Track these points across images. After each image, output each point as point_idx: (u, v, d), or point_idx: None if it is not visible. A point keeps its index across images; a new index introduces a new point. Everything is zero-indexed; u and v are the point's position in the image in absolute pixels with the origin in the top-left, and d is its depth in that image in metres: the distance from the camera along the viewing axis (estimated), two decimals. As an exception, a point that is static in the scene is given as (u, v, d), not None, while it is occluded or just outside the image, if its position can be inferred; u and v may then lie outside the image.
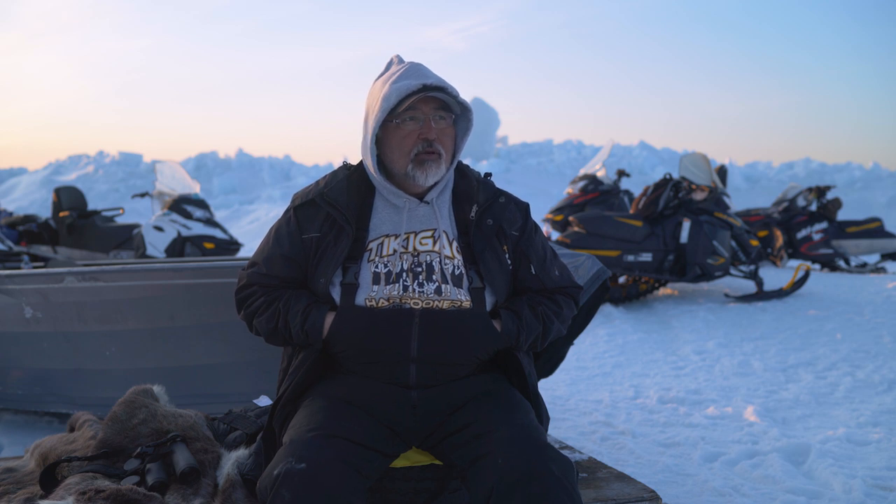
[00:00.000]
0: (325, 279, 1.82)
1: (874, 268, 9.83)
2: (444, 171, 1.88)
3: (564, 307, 1.98)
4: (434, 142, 1.83)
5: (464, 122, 1.91)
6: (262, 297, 1.89)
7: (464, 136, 1.92)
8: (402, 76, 1.83)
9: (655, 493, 2.15)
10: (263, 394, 2.60)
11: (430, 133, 1.83)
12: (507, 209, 1.94)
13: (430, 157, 1.83)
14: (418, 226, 1.87)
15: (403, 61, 1.91)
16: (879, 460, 3.13)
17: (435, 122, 1.84)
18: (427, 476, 1.89)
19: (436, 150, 1.84)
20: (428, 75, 1.83)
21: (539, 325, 1.90)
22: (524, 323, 1.86)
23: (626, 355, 5.29)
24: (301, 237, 1.88)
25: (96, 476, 1.98)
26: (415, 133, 1.83)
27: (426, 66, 1.88)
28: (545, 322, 1.91)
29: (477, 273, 1.85)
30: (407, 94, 1.79)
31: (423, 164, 1.83)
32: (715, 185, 7.45)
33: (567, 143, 28.81)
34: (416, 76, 1.82)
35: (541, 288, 1.96)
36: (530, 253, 1.94)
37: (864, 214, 11.90)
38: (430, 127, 1.83)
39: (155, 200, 8.08)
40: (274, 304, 1.86)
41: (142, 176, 24.38)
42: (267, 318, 1.86)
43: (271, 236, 1.93)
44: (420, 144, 1.83)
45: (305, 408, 1.80)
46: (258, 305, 1.88)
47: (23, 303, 3.44)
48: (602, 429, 3.64)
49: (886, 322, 5.93)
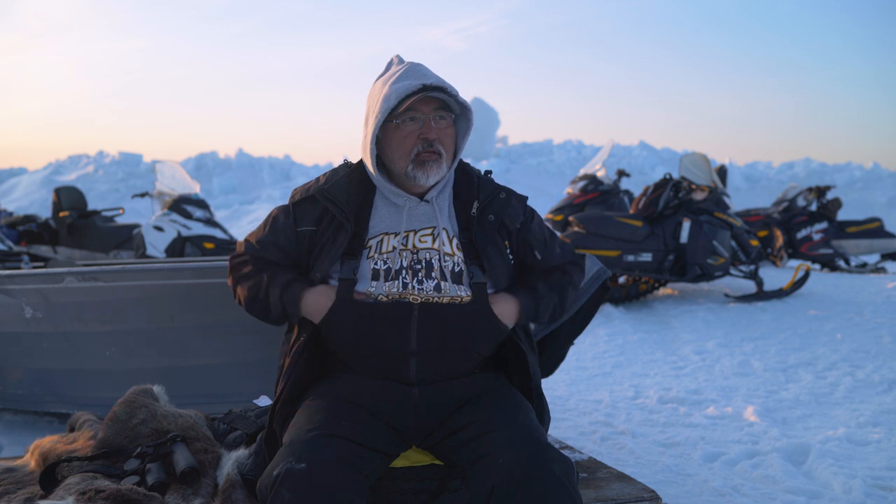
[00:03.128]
0: (320, 273, 1.84)
1: (874, 268, 9.83)
2: (444, 171, 1.88)
3: (574, 274, 2.05)
4: (434, 142, 1.84)
5: (464, 121, 1.92)
6: (252, 266, 1.95)
7: (464, 135, 1.92)
8: (402, 76, 1.83)
9: (655, 493, 2.15)
10: (263, 394, 2.60)
11: (430, 133, 1.83)
12: (508, 205, 1.95)
13: (430, 157, 1.84)
14: (418, 224, 1.88)
15: (403, 61, 1.91)
16: (879, 460, 3.13)
17: (435, 122, 1.84)
18: (427, 476, 1.89)
19: (436, 149, 1.84)
20: (427, 75, 1.83)
21: (555, 295, 1.97)
22: (540, 294, 1.93)
23: (626, 355, 5.29)
24: (296, 230, 1.91)
25: (96, 476, 1.98)
26: (415, 133, 1.84)
27: (426, 66, 1.88)
28: (560, 290, 1.98)
29: (480, 268, 1.86)
30: (407, 95, 1.79)
31: (424, 164, 1.84)
32: (715, 185, 7.45)
33: (567, 143, 28.81)
34: (415, 76, 1.82)
35: (546, 268, 2.01)
36: (531, 239, 1.98)
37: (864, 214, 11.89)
38: (430, 127, 1.83)
39: (155, 200, 8.08)
40: (260, 274, 1.92)
41: (142, 176, 24.37)
42: (251, 286, 1.92)
43: (268, 222, 1.97)
44: (420, 144, 1.83)
45: (305, 407, 1.80)
46: (247, 273, 1.95)
47: (23, 303, 3.44)
48: (602, 429, 3.64)
49: (886, 322, 5.93)
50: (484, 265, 1.86)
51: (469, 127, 1.92)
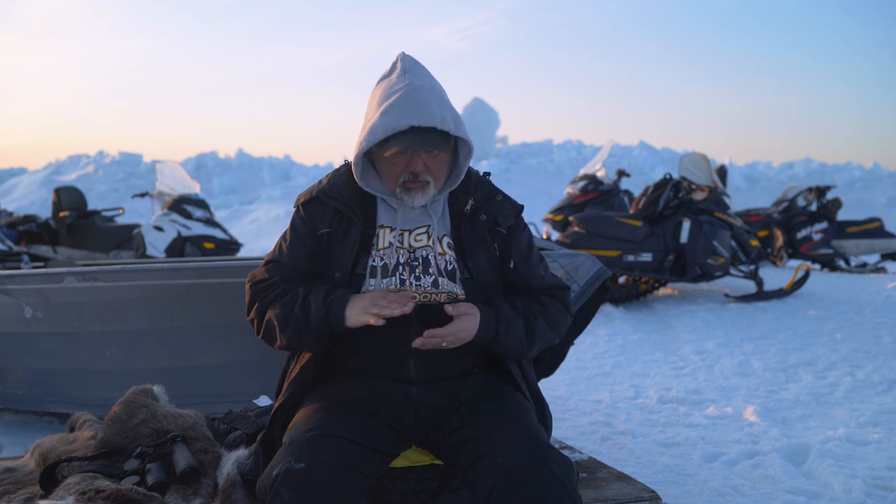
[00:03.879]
0: (340, 272, 1.83)
1: (874, 268, 9.84)
2: (432, 194, 1.86)
3: (550, 307, 1.92)
4: (421, 174, 1.81)
5: (464, 146, 1.88)
6: (280, 288, 1.86)
7: (466, 158, 1.88)
8: (396, 104, 1.77)
9: (655, 493, 2.15)
10: (263, 394, 2.60)
11: (416, 167, 1.80)
12: (502, 207, 1.94)
13: (416, 186, 1.82)
14: (412, 224, 1.88)
15: (407, 63, 1.87)
16: (879, 460, 3.13)
17: (422, 153, 1.80)
18: (427, 476, 1.89)
19: (422, 180, 1.82)
20: (420, 110, 1.75)
21: (519, 319, 1.84)
22: (502, 313, 1.81)
23: (626, 355, 5.29)
24: (315, 234, 1.89)
25: (96, 476, 1.98)
26: (401, 164, 1.81)
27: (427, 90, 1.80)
28: (526, 317, 1.86)
29: (466, 266, 1.85)
30: (393, 133, 1.76)
31: (410, 191, 1.83)
32: (715, 185, 7.45)
33: (567, 143, 28.80)
34: (409, 108, 1.75)
35: (525, 286, 1.94)
36: (512, 249, 1.92)
37: (864, 214, 11.89)
38: (416, 160, 1.80)
39: (155, 200, 8.08)
40: (292, 291, 1.84)
41: (142, 176, 24.37)
42: (284, 303, 1.82)
43: (288, 234, 1.93)
44: (406, 175, 1.81)
45: (305, 408, 1.80)
46: (276, 295, 1.85)
47: (23, 303, 3.44)
48: (602, 429, 3.64)
49: (886, 322, 5.93)
50: (468, 262, 1.85)
51: (470, 151, 1.87)
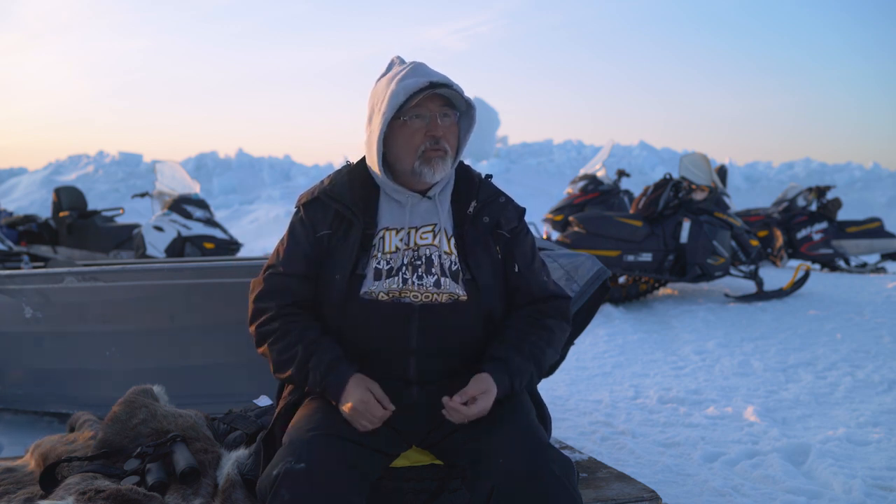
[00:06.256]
0: (340, 274, 1.82)
1: (874, 268, 9.84)
2: (449, 167, 1.89)
3: (557, 330, 1.92)
4: (441, 139, 1.85)
5: (467, 119, 1.93)
6: (278, 322, 1.84)
7: (467, 132, 1.93)
8: (408, 74, 1.84)
9: (655, 493, 2.15)
10: (263, 394, 2.60)
11: (437, 130, 1.84)
12: (505, 209, 1.94)
13: (437, 154, 1.84)
14: (419, 221, 1.88)
15: (405, 62, 1.93)
16: (879, 460, 3.13)
17: (441, 119, 1.85)
18: (427, 476, 1.89)
19: (442, 147, 1.85)
20: (432, 73, 1.85)
21: (530, 365, 1.84)
22: (514, 369, 1.80)
23: (626, 355, 5.29)
24: (315, 235, 1.89)
25: (96, 476, 1.98)
26: (422, 130, 1.84)
27: (428, 65, 1.90)
28: (536, 359, 1.85)
29: (468, 267, 1.86)
30: (415, 91, 1.80)
31: (431, 161, 1.84)
32: (715, 185, 7.45)
33: (567, 143, 28.81)
34: (421, 74, 1.84)
35: (528, 292, 1.92)
36: (516, 252, 1.93)
37: (864, 214, 11.88)
38: (436, 124, 1.84)
39: (155, 200, 8.09)
40: (290, 336, 1.81)
41: (142, 176, 24.36)
42: (280, 349, 1.80)
43: (287, 237, 1.93)
44: (427, 142, 1.84)
45: (305, 407, 1.80)
46: (273, 329, 1.83)
47: (23, 303, 3.44)
48: (602, 429, 3.64)
49: (886, 322, 5.93)
50: (469, 263, 1.85)
51: (472, 125, 1.93)
